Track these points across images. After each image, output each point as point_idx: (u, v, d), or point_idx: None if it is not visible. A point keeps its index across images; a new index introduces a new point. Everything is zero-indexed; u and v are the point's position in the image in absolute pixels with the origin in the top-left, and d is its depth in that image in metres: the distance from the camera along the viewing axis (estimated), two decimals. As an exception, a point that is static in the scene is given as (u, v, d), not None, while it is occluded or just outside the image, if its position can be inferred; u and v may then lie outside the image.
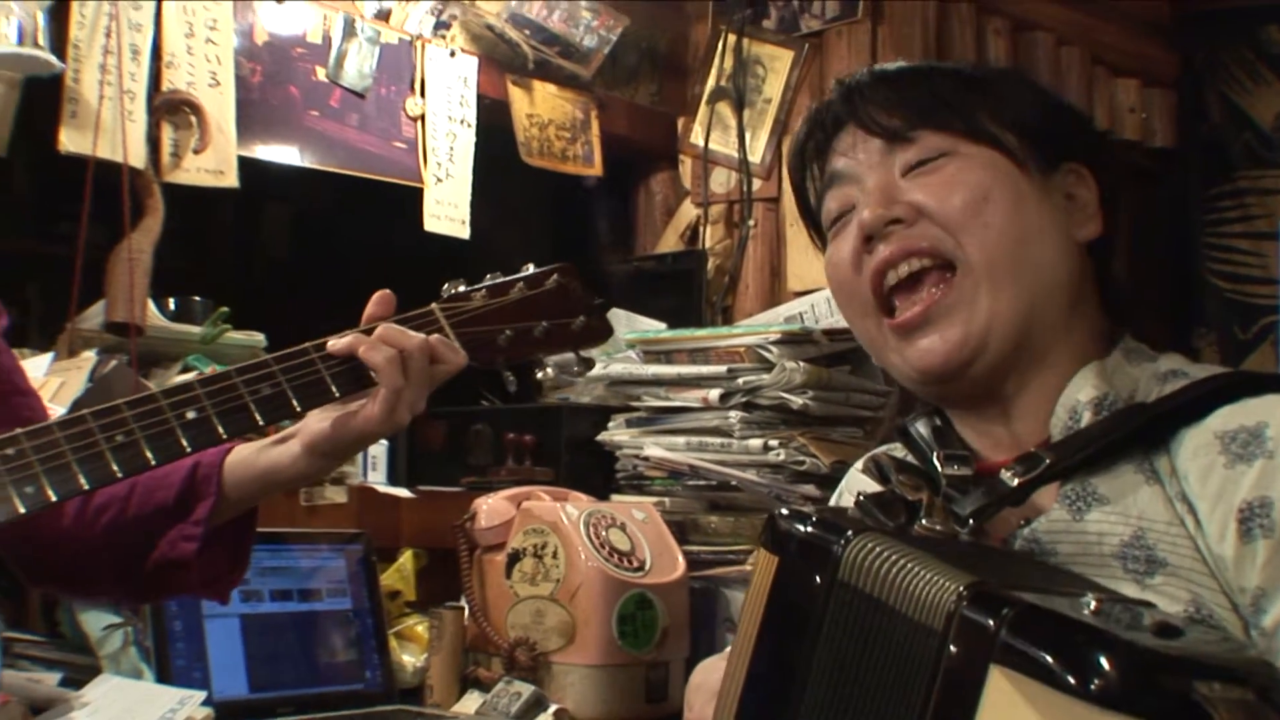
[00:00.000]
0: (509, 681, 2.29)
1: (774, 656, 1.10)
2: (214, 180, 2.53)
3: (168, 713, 1.91)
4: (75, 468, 1.14)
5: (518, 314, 1.39)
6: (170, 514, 1.33)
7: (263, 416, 1.24)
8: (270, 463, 1.34)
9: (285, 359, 1.27)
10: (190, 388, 1.23)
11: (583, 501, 2.50)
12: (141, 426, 1.18)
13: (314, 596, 2.34)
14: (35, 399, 1.38)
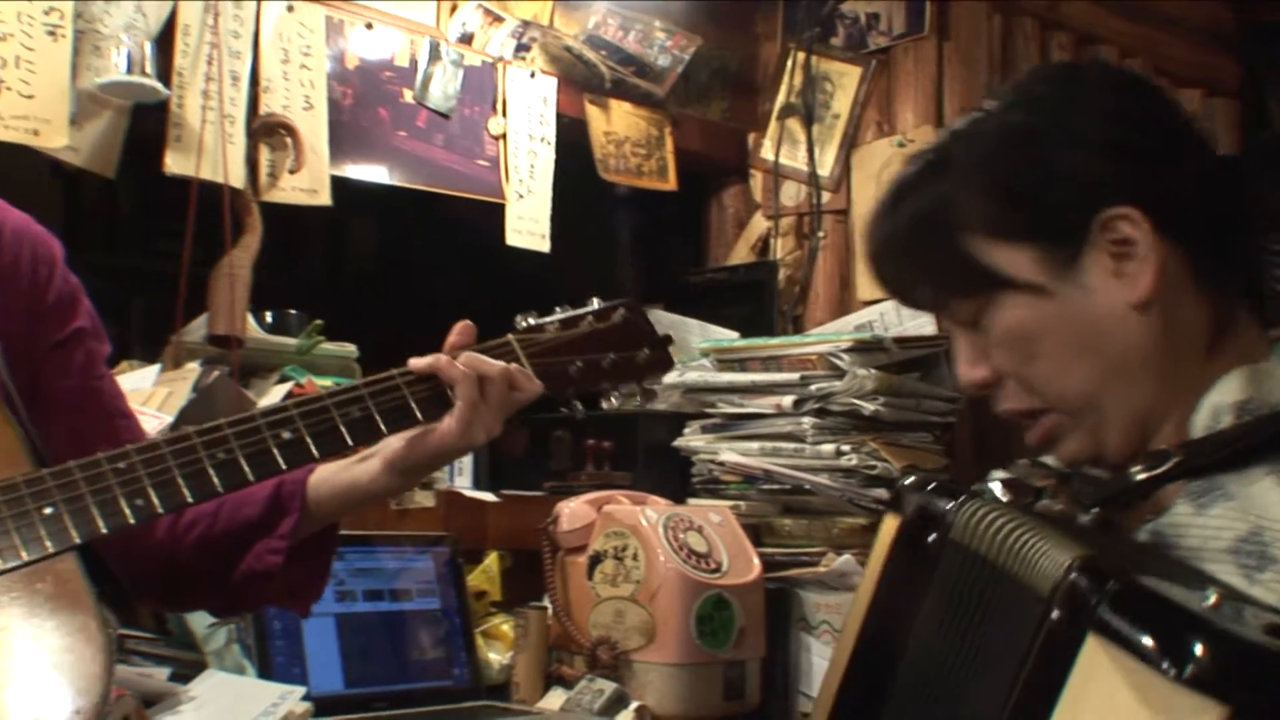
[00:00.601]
0: (591, 679, 2.31)
1: (887, 608, 1.17)
2: (308, 199, 2.59)
3: (270, 707, 1.95)
4: (180, 482, 1.18)
5: (587, 346, 1.43)
6: (256, 529, 1.37)
7: (352, 438, 1.28)
8: (352, 480, 1.38)
9: (373, 384, 1.32)
10: (286, 409, 1.27)
11: (661, 505, 2.52)
12: (241, 445, 1.22)
13: (404, 596, 2.38)
14: (135, 422, 1.43)
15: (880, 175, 3.15)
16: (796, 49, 3.30)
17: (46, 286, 1.33)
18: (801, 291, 3.26)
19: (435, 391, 1.32)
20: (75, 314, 1.36)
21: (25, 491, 1.09)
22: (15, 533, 1.07)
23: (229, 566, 1.36)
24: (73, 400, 1.33)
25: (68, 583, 1.08)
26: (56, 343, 1.33)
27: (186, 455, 1.18)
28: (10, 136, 2.20)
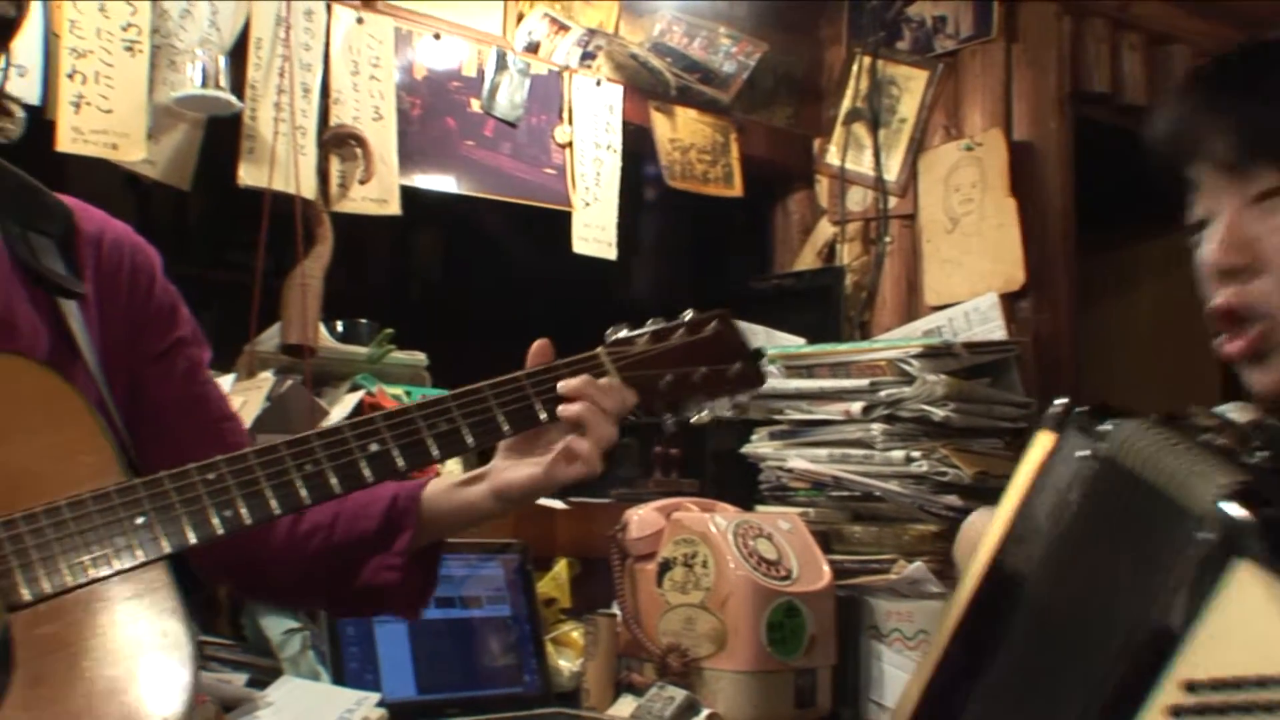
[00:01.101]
0: (662, 686, 2.30)
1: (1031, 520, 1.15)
2: (378, 209, 2.61)
3: (345, 713, 1.97)
4: (269, 494, 1.18)
5: (678, 359, 1.40)
6: (372, 543, 1.38)
7: (439, 451, 1.27)
8: (462, 502, 1.38)
9: (460, 396, 1.31)
10: (373, 422, 1.26)
11: (730, 512, 2.51)
12: (328, 456, 1.22)
13: (475, 603, 2.39)
14: (239, 424, 1.44)
15: (948, 179, 3.12)
16: (862, 53, 3.28)
17: (147, 297, 1.35)
18: (868, 297, 3.24)
19: (521, 405, 1.32)
20: (176, 323, 1.37)
21: (117, 501, 1.10)
22: (107, 542, 1.08)
23: (347, 578, 1.38)
24: (178, 408, 1.35)
25: (157, 591, 1.09)
26: (159, 353, 1.35)
27: (274, 467, 1.19)
28: (90, 150, 2.23)
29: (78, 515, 1.09)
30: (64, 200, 1.33)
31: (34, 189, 1.31)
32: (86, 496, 1.10)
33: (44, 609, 1.05)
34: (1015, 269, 2.98)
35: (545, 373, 1.34)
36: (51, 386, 1.15)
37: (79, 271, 1.29)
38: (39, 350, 1.20)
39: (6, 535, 1.06)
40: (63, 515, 1.08)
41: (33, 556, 1.06)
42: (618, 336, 1.41)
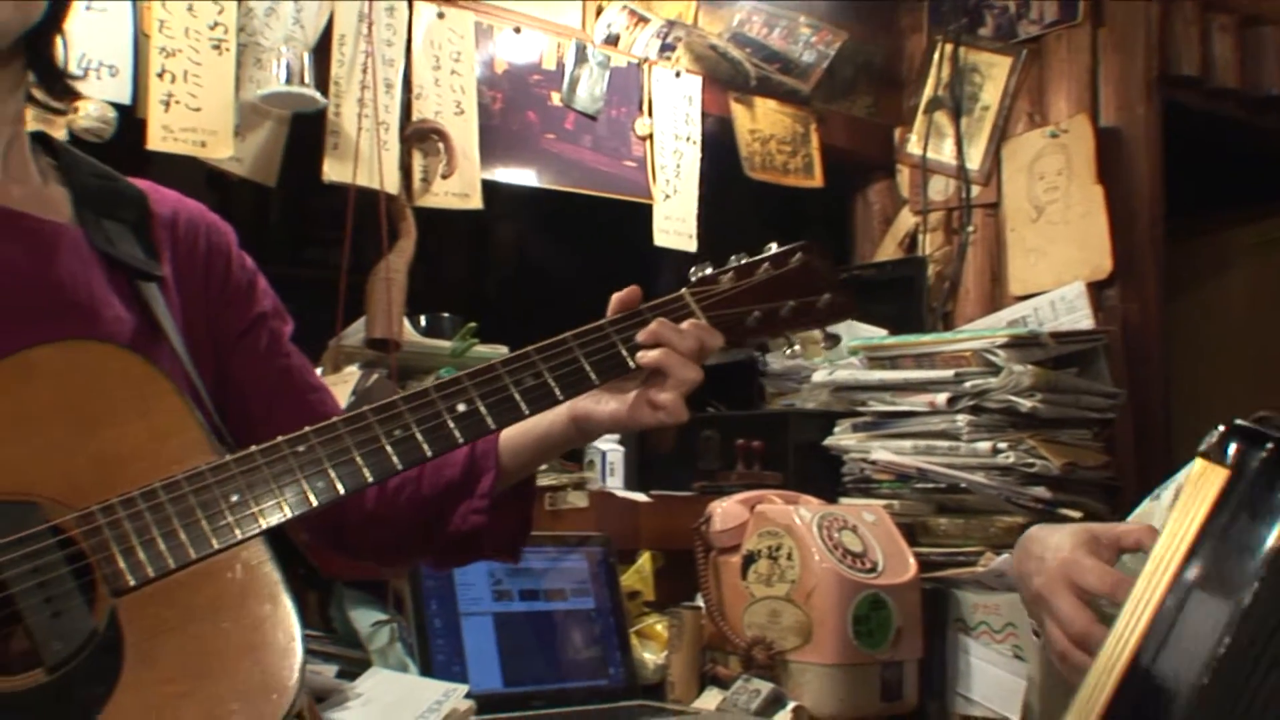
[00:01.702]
0: (747, 679, 2.30)
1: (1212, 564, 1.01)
2: (460, 203, 2.62)
3: (434, 704, 1.97)
4: (360, 462, 1.17)
5: (765, 294, 1.36)
6: (458, 490, 1.37)
7: (528, 406, 1.25)
8: (540, 433, 1.36)
9: (545, 349, 1.29)
10: (459, 381, 1.24)
11: (814, 504, 2.49)
12: (417, 421, 1.20)
13: (559, 596, 2.39)
14: (326, 393, 1.44)
15: (1032, 167, 3.08)
16: (943, 41, 3.24)
17: (225, 274, 1.35)
18: (951, 287, 3.20)
19: (609, 354, 1.30)
20: (255, 298, 1.37)
21: (211, 480, 1.10)
22: (204, 521, 1.09)
23: (437, 528, 1.37)
24: (264, 383, 1.35)
25: (259, 569, 1.09)
26: (241, 330, 1.35)
27: (364, 434, 1.18)
28: (179, 148, 2.26)
29: (174, 497, 1.09)
30: (136, 183, 1.34)
31: (107, 175, 1.31)
32: (180, 478, 1.10)
33: (149, 592, 1.06)
34: (1102, 257, 2.93)
35: (629, 318, 1.32)
36: (138, 371, 1.16)
37: (156, 254, 1.29)
38: (123, 335, 1.21)
39: (106, 521, 1.06)
40: (159, 498, 1.09)
41: (134, 541, 1.06)
42: (701, 275, 1.38)
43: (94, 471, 1.08)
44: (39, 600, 1.02)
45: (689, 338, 1.31)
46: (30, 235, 1.19)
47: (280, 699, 1.04)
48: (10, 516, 1.04)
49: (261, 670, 1.05)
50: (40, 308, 1.16)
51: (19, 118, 1.24)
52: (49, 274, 1.18)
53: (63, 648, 1.01)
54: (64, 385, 1.11)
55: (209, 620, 1.06)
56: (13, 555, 1.02)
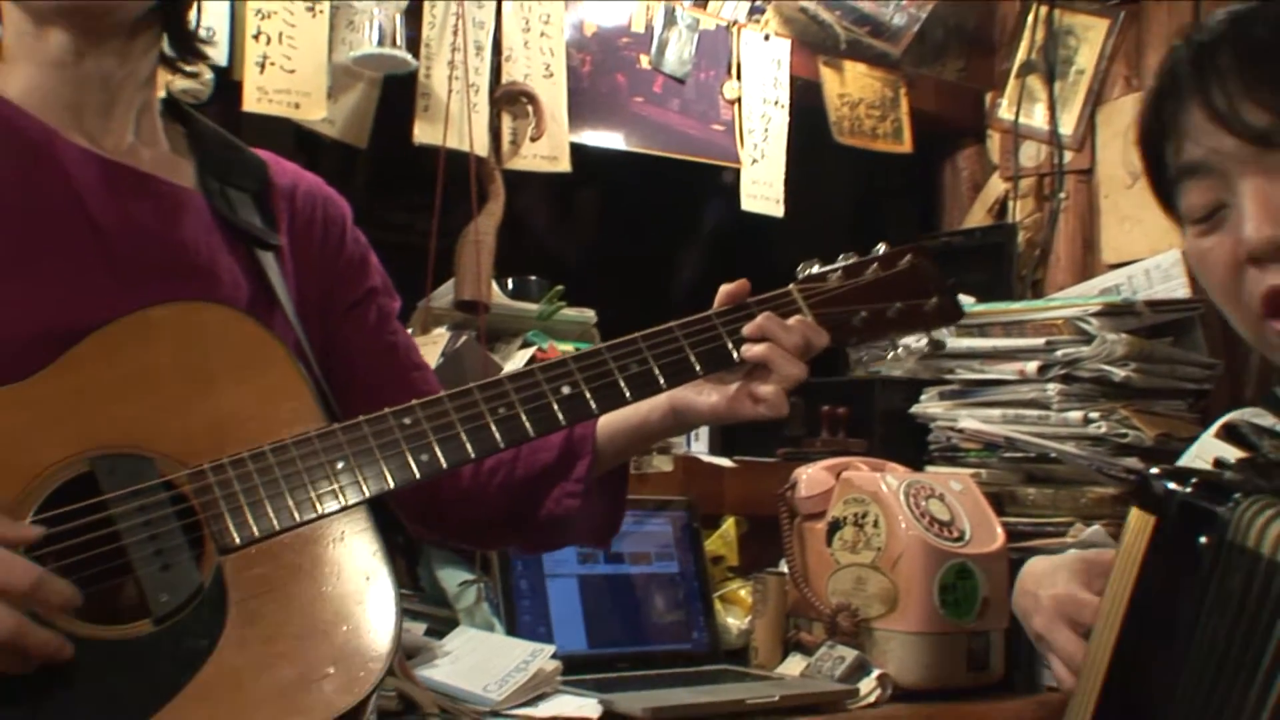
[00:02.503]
0: (831, 645, 2.28)
1: (1149, 620, 1.02)
2: (549, 166, 2.62)
3: (522, 663, 1.98)
4: (464, 437, 1.18)
5: (872, 295, 1.36)
6: (553, 473, 1.37)
7: (631, 393, 1.26)
8: (639, 421, 1.37)
9: (651, 337, 1.29)
10: (565, 364, 1.25)
11: (900, 472, 2.47)
12: (522, 400, 1.22)
13: (643, 560, 2.39)
14: (429, 373, 1.45)
15: (1129, 133, 3.01)
16: (1038, 3, 3.17)
17: (339, 247, 1.37)
18: (1041, 255, 3.15)
19: (714, 345, 1.30)
20: (367, 273, 1.39)
21: (319, 446, 1.12)
22: (310, 486, 1.10)
23: (531, 510, 1.38)
24: (369, 357, 1.36)
25: (360, 534, 1.11)
26: (351, 303, 1.37)
27: (469, 410, 1.19)
28: (274, 110, 2.28)
29: (282, 460, 1.11)
30: (259, 154, 1.35)
31: (232, 145, 1.33)
32: (289, 442, 1.12)
33: (253, 552, 1.07)
34: (1199, 225, 2.86)
35: (736, 311, 1.32)
36: (254, 334, 1.18)
37: (274, 224, 1.31)
38: (240, 300, 1.23)
39: (216, 480, 1.08)
40: (267, 460, 1.10)
41: (241, 501, 1.08)
42: (809, 273, 1.37)
43: (207, 431, 1.10)
44: (150, 552, 1.04)
45: (795, 334, 1.30)
46: (158, 198, 1.21)
47: (374, 666, 1.06)
48: (126, 470, 1.06)
49: (358, 637, 1.06)
50: (163, 268, 1.18)
51: (152, 81, 1.26)
52: (173, 236, 1.20)
53: (170, 600, 1.03)
54: (182, 345, 1.13)
55: (310, 583, 1.07)
56: (127, 507, 1.05)
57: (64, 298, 1.13)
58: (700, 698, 2.07)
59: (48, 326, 1.11)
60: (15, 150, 1.16)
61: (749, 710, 2.04)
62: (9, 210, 1.13)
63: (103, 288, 1.15)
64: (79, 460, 1.06)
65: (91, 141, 1.20)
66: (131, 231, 1.18)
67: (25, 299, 1.11)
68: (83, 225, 1.16)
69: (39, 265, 1.13)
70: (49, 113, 1.19)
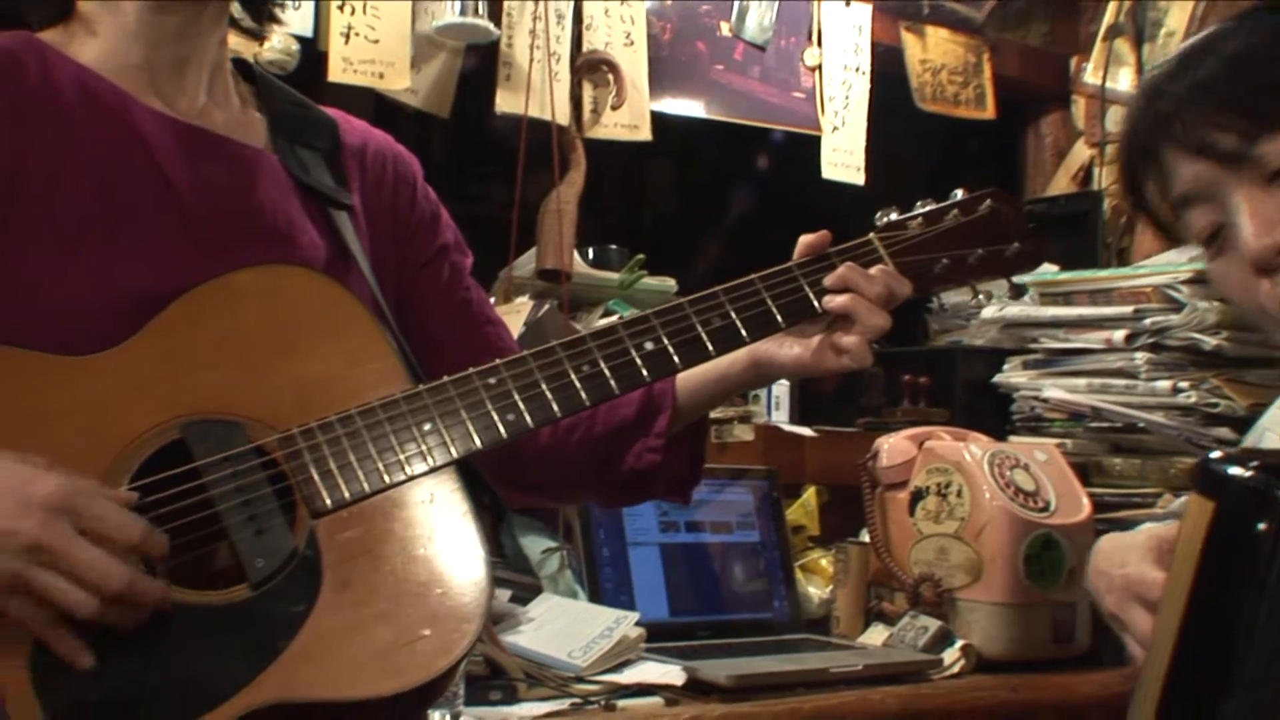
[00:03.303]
0: (914, 615, 2.25)
1: (1211, 607, 1.00)
2: (629, 134, 2.60)
3: (606, 630, 1.98)
4: (549, 396, 1.17)
5: (953, 241, 1.33)
6: (633, 429, 1.35)
7: (714, 347, 1.24)
8: (718, 374, 1.34)
9: (732, 290, 1.27)
10: (647, 320, 1.23)
11: (984, 441, 2.42)
12: (605, 357, 1.20)
13: (724, 529, 2.38)
14: (504, 328, 1.44)
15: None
16: (1128, -35, 3.09)
17: (410, 205, 1.35)
18: (1128, 222, 3.07)
19: (795, 296, 1.27)
20: (438, 230, 1.37)
21: (405, 408, 1.11)
22: (398, 448, 1.09)
23: (611, 466, 1.36)
24: (444, 315, 1.35)
25: (448, 496, 1.10)
26: (424, 261, 1.35)
27: (553, 369, 1.18)
28: (359, 80, 2.28)
29: (370, 423, 1.10)
30: (329, 112, 1.34)
31: (302, 103, 1.32)
32: (375, 404, 1.11)
33: (344, 515, 1.07)
34: (1293, 189, 2.77)
35: (817, 262, 1.29)
36: (336, 296, 1.17)
37: (346, 183, 1.29)
38: (318, 262, 1.21)
39: (305, 444, 1.07)
40: (355, 424, 1.10)
41: (331, 464, 1.07)
42: (888, 220, 1.34)
43: (293, 395, 1.10)
44: (244, 518, 1.04)
45: (877, 284, 1.27)
46: (233, 160, 1.20)
47: (468, 628, 1.05)
48: (217, 436, 1.06)
49: (451, 598, 1.05)
50: (241, 231, 1.18)
51: (224, 42, 1.25)
52: (249, 198, 1.19)
53: (266, 565, 1.03)
54: (266, 309, 1.12)
55: (402, 546, 1.07)
56: (219, 473, 1.04)
57: (144, 263, 1.12)
58: (783, 665, 2.05)
59: (129, 292, 1.10)
60: (92, 115, 1.15)
61: (832, 679, 2.02)
62: (88, 176, 1.13)
63: (182, 252, 1.14)
64: (170, 426, 1.06)
65: (165, 104, 1.19)
66: (208, 194, 1.17)
67: (106, 265, 1.11)
68: (160, 189, 1.15)
69: (119, 231, 1.12)
70: (124, 77, 1.18)
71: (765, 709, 1.89)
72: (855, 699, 1.98)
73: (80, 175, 1.12)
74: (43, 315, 1.08)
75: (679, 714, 1.83)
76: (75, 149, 1.13)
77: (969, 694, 2.10)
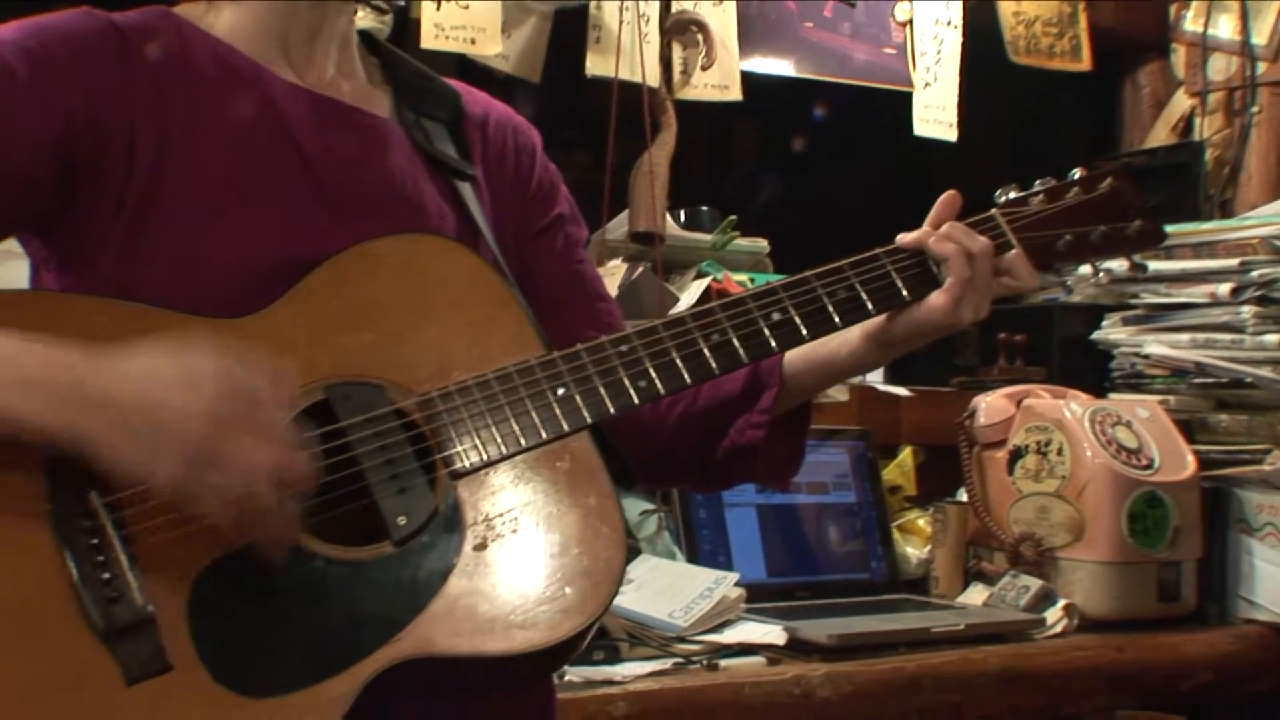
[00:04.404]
0: (1015, 575, 2.29)
1: None
2: (720, 95, 2.63)
3: (706, 590, 2.03)
4: (679, 364, 1.22)
5: (1075, 218, 1.37)
6: (737, 404, 1.38)
7: (840, 318, 1.28)
8: (830, 353, 1.36)
9: (858, 264, 1.31)
10: (774, 291, 1.28)
11: (1084, 399, 2.45)
12: (734, 326, 1.25)
13: (820, 490, 2.42)
14: (614, 304, 1.47)
15: (1327, 41, 2.91)
16: (1227, -95, 3.07)
17: (529, 175, 1.39)
18: (1231, 173, 3.07)
19: (921, 269, 1.31)
20: (555, 200, 1.42)
21: (540, 374, 1.17)
22: (534, 412, 1.15)
23: (712, 443, 1.39)
24: (557, 284, 1.39)
25: (584, 461, 1.16)
26: (540, 230, 1.39)
27: (683, 338, 1.23)
28: (451, 46, 2.34)
29: (505, 388, 1.15)
30: (451, 84, 1.39)
31: (425, 75, 1.37)
32: (511, 369, 1.17)
33: (482, 476, 1.13)
34: (1404, 137, 2.76)
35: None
36: (471, 265, 1.23)
37: (468, 154, 1.34)
38: (447, 231, 1.27)
39: (445, 408, 1.14)
40: (492, 388, 1.15)
41: (469, 426, 1.13)
42: (1009, 197, 1.38)
43: (431, 359, 1.16)
44: (387, 476, 1.10)
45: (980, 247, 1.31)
46: (362, 130, 1.26)
47: (606, 588, 1.11)
48: (359, 398, 1.12)
49: (590, 558, 1.11)
50: (372, 200, 1.23)
51: (351, 14, 1.31)
52: (379, 168, 1.25)
53: (408, 523, 1.09)
54: (404, 276, 1.19)
55: (539, 507, 1.13)
56: (363, 434, 1.11)
57: (281, 231, 1.18)
58: (884, 625, 2.10)
59: (267, 259, 1.16)
60: (228, 87, 1.21)
61: (934, 638, 2.07)
62: (224, 146, 1.19)
63: (316, 221, 1.20)
64: (315, 388, 1.12)
65: (296, 75, 1.25)
66: (339, 164, 1.22)
67: (245, 233, 1.17)
68: (294, 159, 1.21)
69: (256, 200, 1.18)
70: (256, 47, 1.24)
71: (867, 668, 1.94)
72: (957, 658, 2.03)
73: (218, 146, 1.19)
74: (187, 282, 1.14)
75: (781, 673, 1.88)
76: (213, 120, 1.20)
77: (1073, 653, 2.14)
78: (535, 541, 1.11)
